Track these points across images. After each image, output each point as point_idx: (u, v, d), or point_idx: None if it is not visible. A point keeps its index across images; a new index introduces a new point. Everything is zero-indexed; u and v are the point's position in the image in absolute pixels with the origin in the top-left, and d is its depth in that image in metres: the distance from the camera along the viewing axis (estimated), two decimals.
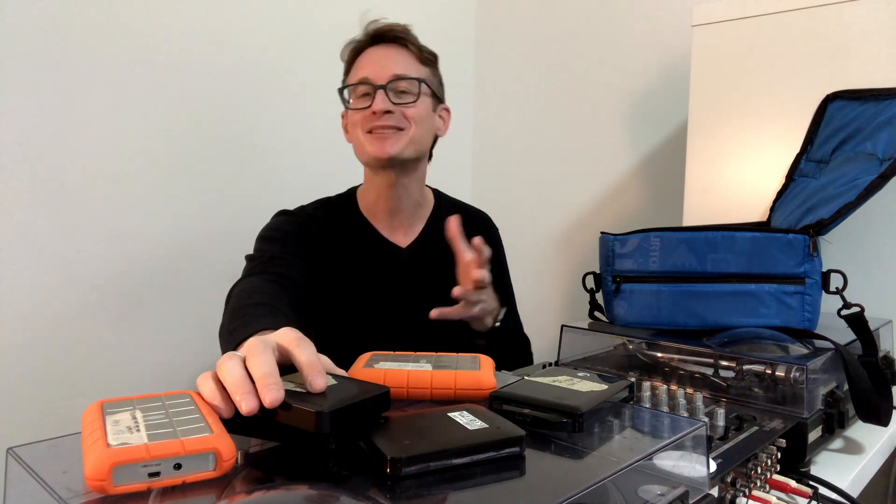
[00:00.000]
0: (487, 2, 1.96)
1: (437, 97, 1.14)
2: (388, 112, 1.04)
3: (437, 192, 1.24)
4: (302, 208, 1.14)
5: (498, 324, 1.06)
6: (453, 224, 0.98)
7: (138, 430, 0.44)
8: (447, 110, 1.18)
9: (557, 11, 1.79)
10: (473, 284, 0.94)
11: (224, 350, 0.80)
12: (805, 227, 0.94)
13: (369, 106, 1.05)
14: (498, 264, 1.25)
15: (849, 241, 1.09)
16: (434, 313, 0.95)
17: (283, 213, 1.12)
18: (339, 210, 1.15)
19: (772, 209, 1.14)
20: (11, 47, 1.08)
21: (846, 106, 1.10)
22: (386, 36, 1.09)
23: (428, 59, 1.12)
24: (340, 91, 1.11)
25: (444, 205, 1.23)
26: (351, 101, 1.09)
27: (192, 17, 1.31)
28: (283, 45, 1.48)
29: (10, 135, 1.09)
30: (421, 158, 1.13)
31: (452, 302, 1.18)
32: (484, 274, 0.94)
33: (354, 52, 1.11)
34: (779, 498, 0.67)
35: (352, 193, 1.19)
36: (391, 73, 1.05)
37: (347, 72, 1.13)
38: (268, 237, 1.06)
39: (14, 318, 1.11)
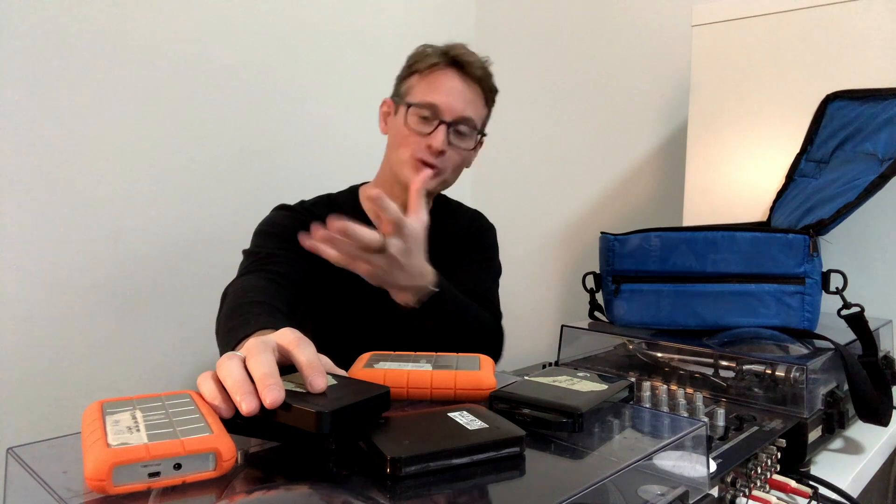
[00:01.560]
0: (487, 2, 1.96)
1: (484, 134, 1.13)
2: (442, 152, 1.03)
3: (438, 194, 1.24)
4: (302, 203, 1.13)
5: (435, 291, 0.91)
6: (419, 181, 0.88)
7: (138, 430, 0.44)
8: (482, 143, 1.14)
9: (557, 11, 1.79)
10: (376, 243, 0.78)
11: (222, 349, 0.79)
12: (805, 227, 0.94)
13: (429, 134, 1.03)
14: (486, 261, 1.23)
15: (849, 241, 1.09)
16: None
17: (282, 208, 1.11)
18: (341, 207, 1.14)
19: (772, 209, 1.14)
20: (12, 48, 1.08)
21: (846, 106, 1.10)
22: (468, 69, 1.06)
23: (492, 99, 1.12)
24: (408, 105, 1.05)
25: (442, 205, 1.23)
26: (409, 116, 1.05)
27: (193, 18, 1.31)
28: (283, 45, 1.48)
29: (11, 135, 1.09)
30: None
31: None
32: (375, 236, 0.78)
33: (430, 66, 1.07)
34: (779, 498, 0.67)
35: (354, 191, 1.18)
36: (460, 114, 1.04)
37: (414, 74, 1.08)
38: (265, 232, 1.06)
39: (14, 318, 1.11)
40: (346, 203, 1.16)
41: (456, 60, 1.07)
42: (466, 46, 1.09)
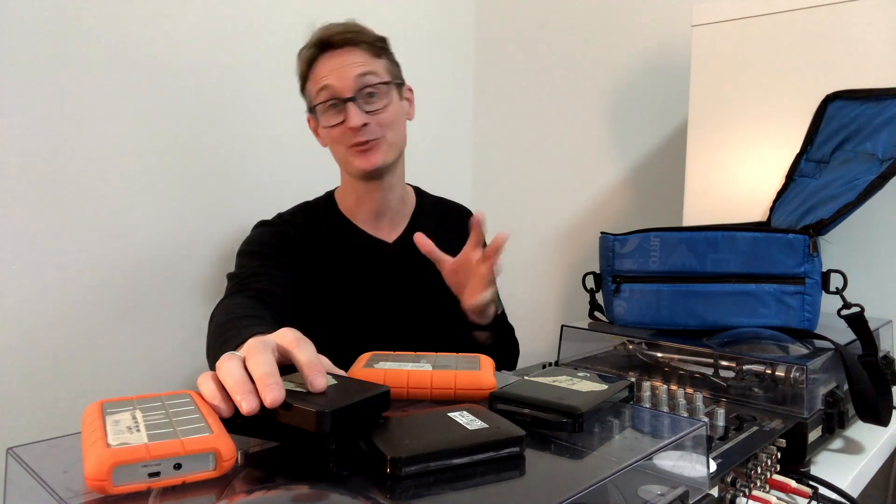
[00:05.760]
0: (487, 3, 1.96)
1: (400, 83, 1.11)
2: (364, 125, 1.03)
3: (417, 190, 1.24)
4: (280, 216, 1.14)
5: (500, 311, 1.06)
6: (421, 240, 0.99)
7: (138, 430, 0.44)
8: (410, 90, 1.15)
9: (557, 11, 1.79)
10: (483, 284, 0.98)
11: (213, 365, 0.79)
12: (805, 227, 0.94)
13: (343, 122, 1.03)
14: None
15: (849, 241, 1.09)
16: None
17: (261, 224, 1.12)
18: (320, 213, 1.14)
19: (772, 209, 1.14)
20: (11, 48, 1.08)
21: (846, 106, 1.10)
22: (334, 41, 1.05)
23: (381, 48, 1.09)
24: (312, 109, 1.08)
25: (427, 202, 1.23)
26: (319, 114, 1.06)
27: (193, 18, 1.31)
28: (283, 46, 1.48)
29: (10, 135, 1.09)
30: (402, 154, 1.12)
31: (444, 294, 1.17)
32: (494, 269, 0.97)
33: (307, 63, 1.08)
34: (779, 498, 0.67)
35: (330, 196, 1.18)
36: (354, 82, 1.03)
37: (304, 81, 1.09)
38: (247, 252, 1.06)
39: (14, 318, 1.11)
40: (324, 210, 1.15)
41: (322, 43, 1.06)
42: (328, 22, 1.07)
